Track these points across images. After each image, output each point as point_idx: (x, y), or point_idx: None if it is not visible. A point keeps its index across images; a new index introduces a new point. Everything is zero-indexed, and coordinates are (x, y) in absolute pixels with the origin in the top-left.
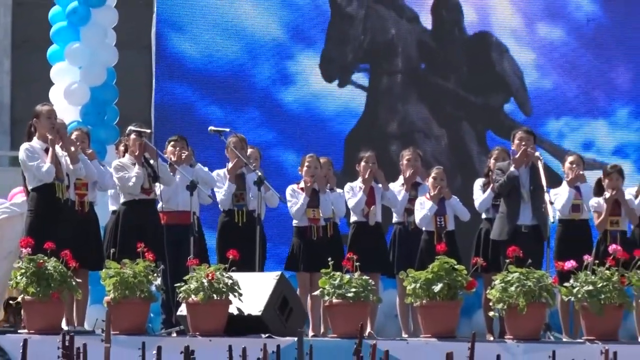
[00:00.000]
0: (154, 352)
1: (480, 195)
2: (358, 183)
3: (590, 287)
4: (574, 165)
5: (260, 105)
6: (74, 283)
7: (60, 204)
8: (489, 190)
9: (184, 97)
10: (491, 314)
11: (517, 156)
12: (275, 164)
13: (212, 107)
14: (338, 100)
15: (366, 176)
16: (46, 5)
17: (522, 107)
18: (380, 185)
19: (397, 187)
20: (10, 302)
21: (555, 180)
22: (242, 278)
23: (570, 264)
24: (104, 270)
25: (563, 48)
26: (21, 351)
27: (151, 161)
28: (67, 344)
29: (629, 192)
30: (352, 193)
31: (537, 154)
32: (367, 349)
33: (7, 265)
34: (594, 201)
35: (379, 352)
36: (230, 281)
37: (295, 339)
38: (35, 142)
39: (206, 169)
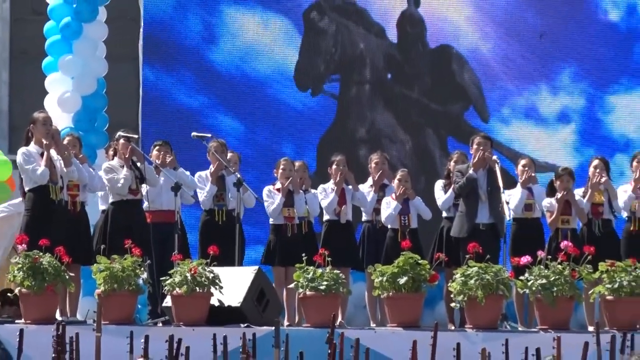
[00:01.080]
0: (142, 340)
1: (442, 195)
2: (330, 184)
3: (544, 281)
4: (526, 168)
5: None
6: (67, 277)
7: (54, 204)
8: (450, 190)
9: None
10: (452, 305)
11: (475, 160)
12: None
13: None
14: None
15: (337, 178)
16: (41, 20)
17: (480, 115)
18: (350, 186)
19: (367, 188)
20: (9, 294)
21: (510, 181)
22: (222, 272)
23: (525, 259)
24: (94, 265)
25: (518, 60)
26: (18, 340)
27: (138, 164)
28: (59, 332)
29: (578, 193)
30: (325, 194)
31: (494, 157)
32: (338, 337)
33: (3, 259)
34: (547, 201)
35: (348, 341)
36: (212, 275)
37: (272, 328)
38: (32, 147)
39: (188, 172)
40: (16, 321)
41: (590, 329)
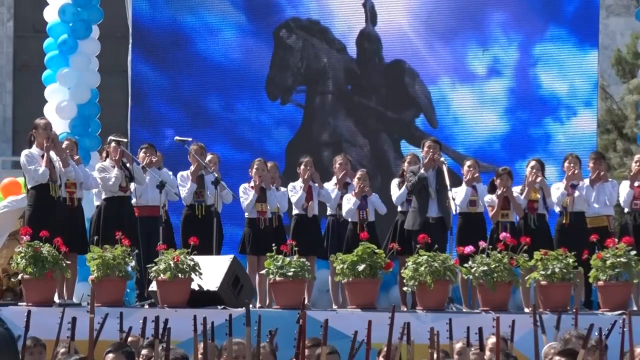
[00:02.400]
0: (140, 321)
1: (396, 192)
2: (299, 183)
3: (485, 268)
4: (471, 168)
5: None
6: (64, 264)
7: (54, 200)
8: (403, 188)
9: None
10: (405, 289)
11: (426, 161)
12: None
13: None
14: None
15: (305, 177)
16: (41, 37)
17: (430, 121)
18: (316, 184)
19: (331, 186)
20: (12, 279)
21: (457, 180)
22: (201, 260)
23: (469, 249)
24: (89, 253)
25: (463, 72)
26: (25, 320)
27: (128, 165)
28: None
29: (516, 190)
30: (294, 191)
31: (442, 159)
32: (308, 321)
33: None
34: (488, 197)
35: (313, 321)
36: (192, 263)
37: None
38: (34, 149)
39: (171, 173)
40: (19, 303)
41: (527, 310)
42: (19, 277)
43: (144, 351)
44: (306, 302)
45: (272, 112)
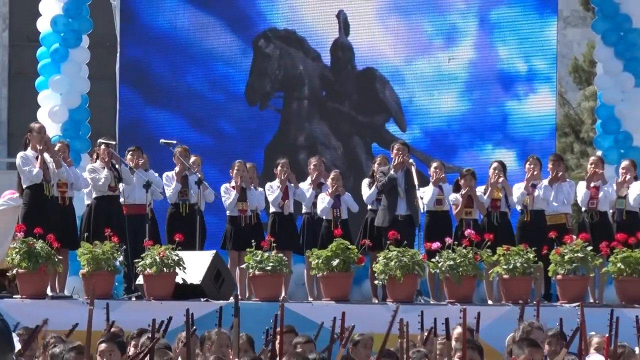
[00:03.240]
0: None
1: (367, 191)
2: (276, 183)
3: (451, 262)
4: (437, 169)
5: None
6: (56, 259)
7: (47, 199)
8: (374, 187)
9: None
10: (376, 282)
11: (395, 162)
12: None
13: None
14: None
15: (282, 178)
16: (35, 46)
17: (399, 125)
18: (292, 184)
19: (306, 186)
20: (7, 274)
21: (424, 180)
22: (185, 255)
23: (435, 245)
24: (79, 249)
25: (431, 80)
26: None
27: (116, 166)
28: None
29: (479, 190)
30: (271, 190)
31: (410, 161)
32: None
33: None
34: (453, 196)
35: (290, 312)
36: (177, 258)
37: (227, 301)
38: (29, 151)
39: (156, 174)
40: (14, 296)
41: (490, 302)
42: (14, 271)
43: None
44: (283, 294)
45: (251, 117)
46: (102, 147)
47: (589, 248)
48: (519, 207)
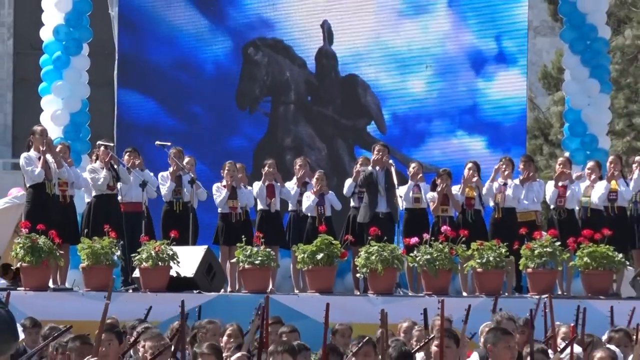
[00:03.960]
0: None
1: (347, 185)
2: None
3: (428, 257)
4: (415, 169)
5: None
6: (58, 254)
7: (49, 197)
8: (351, 180)
9: (140, 118)
10: (358, 275)
11: (373, 159)
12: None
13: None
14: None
15: (269, 177)
16: (38, 54)
17: (379, 128)
18: (278, 183)
19: (292, 185)
20: (12, 267)
21: (403, 180)
22: (179, 250)
23: (414, 240)
24: (79, 244)
25: (409, 87)
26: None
27: (114, 166)
28: None
29: (455, 189)
30: (260, 189)
31: (390, 161)
32: (272, 304)
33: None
34: (430, 195)
35: (277, 303)
36: (171, 252)
37: (218, 293)
38: (32, 152)
39: (151, 174)
40: (18, 288)
41: (465, 294)
42: (17, 265)
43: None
44: (270, 287)
45: (241, 120)
46: (102, 148)
47: (557, 243)
48: (491, 205)
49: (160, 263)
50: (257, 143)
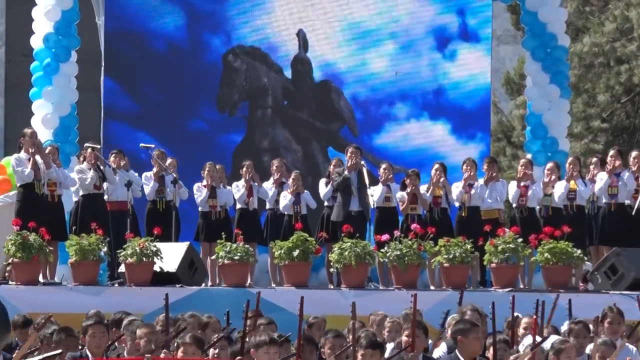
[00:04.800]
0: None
1: (324, 189)
2: (242, 182)
3: (398, 252)
4: (386, 170)
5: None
6: (47, 250)
7: (38, 196)
8: (329, 186)
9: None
10: (331, 270)
11: (348, 164)
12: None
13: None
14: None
15: (247, 177)
16: (29, 61)
17: (352, 131)
18: (256, 183)
19: (269, 185)
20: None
21: (374, 180)
22: (162, 246)
23: (384, 237)
24: (68, 241)
25: (379, 93)
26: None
27: (101, 167)
28: None
29: (423, 188)
30: (238, 189)
31: (362, 162)
32: (248, 295)
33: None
34: (399, 194)
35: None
36: (155, 248)
37: (199, 287)
38: (22, 154)
39: (136, 174)
40: (9, 282)
41: (432, 287)
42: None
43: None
44: (249, 281)
45: (221, 123)
46: (89, 150)
47: (519, 240)
48: (457, 204)
49: (144, 259)
50: (236, 145)
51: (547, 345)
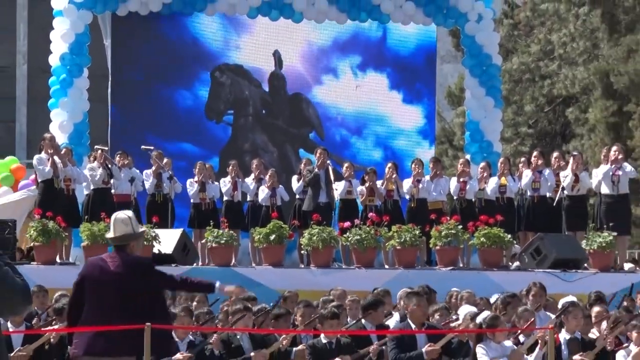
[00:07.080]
0: None
1: (296, 184)
2: (228, 178)
3: (358, 237)
4: (348, 168)
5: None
6: (63, 235)
7: (56, 190)
8: (301, 181)
9: (129, 130)
10: (302, 252)
11: (318, 163)
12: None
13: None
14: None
15: (232, 175)
16: (47, 76)
17: (319, 135)
18: (240, 179)
19: (250, 181)
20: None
21: (339, 176)
22: (160, 232)
23: (347, 224)
24: (81, 227)
25: (342, 103)
26: None
27: (108, 165)
28: None
29: (379, 183)
30: (224, 184)
31: (328, 162)
32: (234, 275)
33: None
34: (359, 188)
35: (238, 275)
36: (154, 234)
37: (191, 266)
38: (42, 155)
39: (138, 171)
40: (31, 262)
41: (387, 266)
42: (31, 244)
43: None
44: (233, 261)
45: (210, 129)
46: (98, 151)
47: (459, 226)
48: (407, 196)
49: (145, 242)
50: (222, 147)
51: (479, 318)
